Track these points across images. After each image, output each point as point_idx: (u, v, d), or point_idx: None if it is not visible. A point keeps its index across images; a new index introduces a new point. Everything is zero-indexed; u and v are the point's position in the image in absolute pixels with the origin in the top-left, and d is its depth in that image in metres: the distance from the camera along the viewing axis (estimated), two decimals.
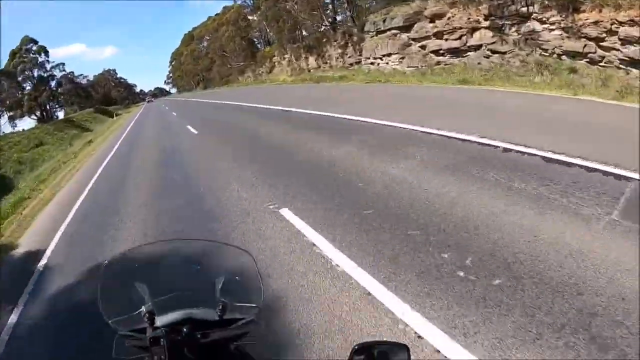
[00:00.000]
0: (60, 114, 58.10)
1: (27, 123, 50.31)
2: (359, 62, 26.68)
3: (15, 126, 51.23)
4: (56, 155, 27.74)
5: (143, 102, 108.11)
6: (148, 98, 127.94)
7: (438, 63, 17.26)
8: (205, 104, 27.84)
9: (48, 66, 58.14)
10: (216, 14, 52.57)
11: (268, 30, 39.68)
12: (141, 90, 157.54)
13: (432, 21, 17.17)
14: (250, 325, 1.01)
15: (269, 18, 34.97)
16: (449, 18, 16.22)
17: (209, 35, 57.43)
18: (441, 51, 17.01)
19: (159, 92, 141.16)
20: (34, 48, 56.26)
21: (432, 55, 17.69)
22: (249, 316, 1.03)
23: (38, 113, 55.25)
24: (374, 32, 23.18)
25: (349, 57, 27.64)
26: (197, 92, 58.02)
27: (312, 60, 31.97)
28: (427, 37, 17.74)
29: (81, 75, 77.97)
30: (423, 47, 18.22)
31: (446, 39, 16.57)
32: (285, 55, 36.15)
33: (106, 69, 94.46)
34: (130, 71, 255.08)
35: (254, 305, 1.07)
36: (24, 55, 54.24)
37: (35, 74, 55.78)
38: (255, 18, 45.48)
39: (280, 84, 28.41)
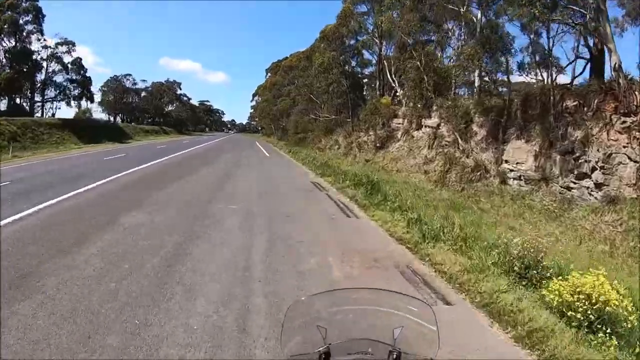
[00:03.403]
0: (66, 112, 39.83)
1: None
2: None
3: None
4: None
5: (217, 133, 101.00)
6: (226, 130, 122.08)
7: None
8: None
9: (47, 41, 36.47)
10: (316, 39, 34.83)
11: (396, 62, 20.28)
12: (232, 120, 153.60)
13: None
14: None
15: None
16: None
17: (300, 67, 40.56)
18: None
19: (249, 128, 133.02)
20: (24, 4, 34.61)
21: None
22: None
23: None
24: None
25: None
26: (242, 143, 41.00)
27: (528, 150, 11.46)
28: None
29: (127, 75, 63.06)
30: None
31: None
32: (427, 121, 16.30)
33: (171, 80, 76.39)
34: (235, 101, 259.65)
35: (427, 357, 1.10)
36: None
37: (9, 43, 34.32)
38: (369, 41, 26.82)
39: None
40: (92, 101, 41.90)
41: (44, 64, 37.83)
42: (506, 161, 11.47)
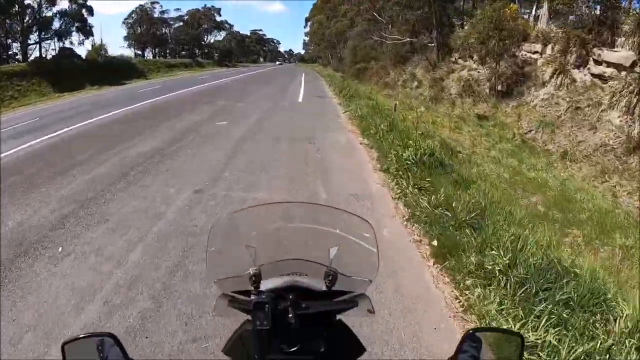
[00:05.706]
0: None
1: None
2: None
3: None
4: None
5: (269, 63, 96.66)
6: (279, 61, 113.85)
7: None
8: None
9: None
10: None
11: None
12: (290, 50, 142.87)
13: None
14: (358, 299, 0.95)
15: None
16: None
17: None
18: None
19: (307, 57, 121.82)
20: None
21: None
22: (359, 290, 0.98)
23: None
24: None
25: None
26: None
27: None
28: None
29: (155, 2, 53.28)
30: None
31: None
32: (605, 54, 8.36)
33: (207, 6, 63.95)
34: (293, 30, 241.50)
35: (366, 279, 1.00)
36: None
37: None
38: None
39: None
40: (89, 35, 34.97)
41: None
42: None
